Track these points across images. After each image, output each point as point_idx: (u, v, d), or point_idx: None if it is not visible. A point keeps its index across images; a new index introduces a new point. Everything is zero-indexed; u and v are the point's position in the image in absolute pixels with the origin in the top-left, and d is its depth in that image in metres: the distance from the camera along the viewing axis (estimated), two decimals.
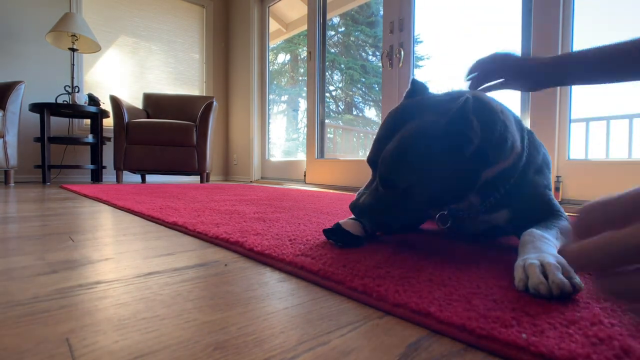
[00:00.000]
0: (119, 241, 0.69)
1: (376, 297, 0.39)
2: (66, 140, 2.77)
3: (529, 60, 0.73)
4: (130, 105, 3.00)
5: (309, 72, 2.99)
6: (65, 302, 0.38)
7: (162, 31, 3.68)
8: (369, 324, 0.34)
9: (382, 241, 0.67)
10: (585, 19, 1.58)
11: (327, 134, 3.01)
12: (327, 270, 0.47)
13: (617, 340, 0.28)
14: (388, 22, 2.32)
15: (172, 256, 0.58)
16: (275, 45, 4.65)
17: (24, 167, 2.92)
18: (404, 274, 0.46)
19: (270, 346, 0.29)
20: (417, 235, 0.74)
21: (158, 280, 0.45)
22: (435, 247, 0.63)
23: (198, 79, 3.96)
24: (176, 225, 0.83)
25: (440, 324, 0.33)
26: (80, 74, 3.16)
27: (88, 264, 0.52)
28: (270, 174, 3.58)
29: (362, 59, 5.42)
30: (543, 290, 0.38)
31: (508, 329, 0.30)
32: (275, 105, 4.44)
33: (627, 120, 2.52)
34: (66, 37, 2.82)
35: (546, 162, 0.66)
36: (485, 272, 0.47)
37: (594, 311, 0.34)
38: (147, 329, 0.32)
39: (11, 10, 2.86)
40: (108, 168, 3.26)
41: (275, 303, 0.38)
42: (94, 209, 1.17)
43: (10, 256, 0.56)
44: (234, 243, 0.64)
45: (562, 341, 0.28)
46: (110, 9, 3.37)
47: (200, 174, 3.00)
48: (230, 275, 0.48)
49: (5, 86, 2.45)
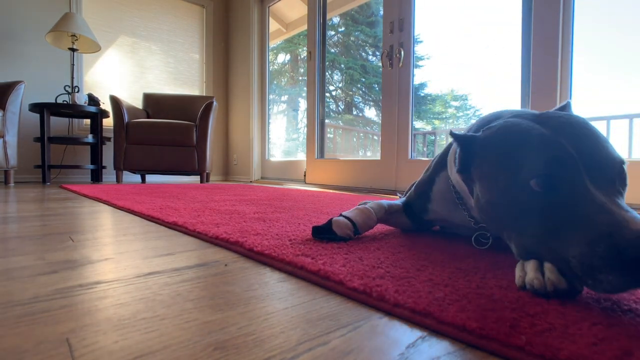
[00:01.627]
0: (118, 241, 0.69)
1: (376, 297, 0.39)
2: (66, 140, 2.77)
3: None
4: (130, 105, 3.00)
5: (309, 72, 2.99)
6: (65, 302, 0.38)
7: (162, 31, 3.68)
8: (369, 324, 0.34)
9: (382, 241, 0.67)
10: (585, 19, 1.58)
11: (327, 134, 3.01)
12: (327, 270, 0.47)
13: (617, 341, 0.28)
14: (388, 22, 2.32)
15: (172, 256, 0.58)
16: (275, 45, 4.64)
17: (23, 167, 2.92)
18: (404, 274, 0.46)
19: (270, 346, 0.29)
20: (417, 236, 0.74)
21: (158, 280, 0.45)
22: (435, 247, 0.63)
23: (198, 78, 3.96)
24: (176, 225, 0.83)
25: (440, 324, 0.33)
26: (80, 74, 3.16)
27: (88, 264, 0.52)
28: (270, 174, 3.58)
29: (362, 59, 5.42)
30: (537, 285, 0.38)
31: (508, 329, 0.30)
32: (275, 105, 4.44)
33: (627, 120, 2.52)
34: (66, 37, 2.82)
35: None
36: (486, 272, 0.47)
37: (594, 312, 0.34)
38: (147, 329, 0.32)
39: (11, 11, 2.86)
40: (108, 168, 3.26)
41: (275, 303, 0.38)
42: (94, 209, 1.17)
43: (10, 256, 0.56)
44: (234, 243, 0.64)
45: (562, 342, 0.28)
46: (110, 9, 3.36)
47: (200, 174, 3.00)
48: (230, 275, 0.48)
49: (5, 86, 2.45)
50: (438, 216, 0.73)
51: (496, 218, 0.47)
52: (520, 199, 0.42)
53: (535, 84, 1.64)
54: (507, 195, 0.44)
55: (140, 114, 3.09)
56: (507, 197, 0.43)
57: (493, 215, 0.47)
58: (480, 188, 0.49)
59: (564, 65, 1.57)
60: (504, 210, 0.44)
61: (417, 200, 0.75)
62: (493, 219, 0.48)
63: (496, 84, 3.16)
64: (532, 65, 1.65)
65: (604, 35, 1.90)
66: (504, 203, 0.44)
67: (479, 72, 3.25)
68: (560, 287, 0.37)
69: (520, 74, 1.73)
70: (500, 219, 0.46)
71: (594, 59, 1.91)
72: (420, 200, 0.74)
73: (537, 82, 1.63)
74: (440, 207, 0.70)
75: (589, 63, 1.78)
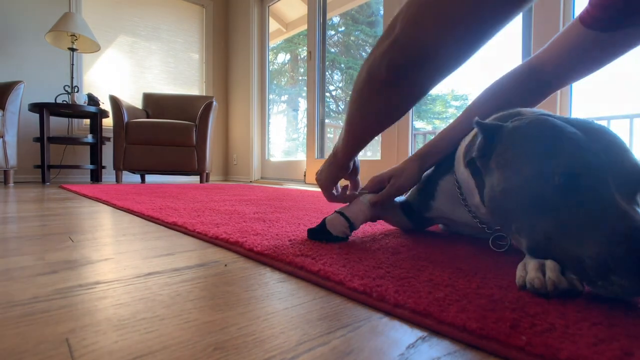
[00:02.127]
0: (118, 241, 0.69)
1: (376, 297, 0.39)
2: (65, 140, 2.77)
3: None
4: (129, 105, 3.00)
5: (309, 72, 2.99)
6: (65, 302, 0.38)
7: (162, 31, 3.68)
8: (369, 324, 0.34)
9: (383, 242, 0.67)
10: None
11: (327, 133, 3.01)
12: (327, 270, 0.47)
13: (618, 341, 0.28)
14: (388, 21, 2.32)
15: (171, 256, 0.58)
16: (275, 45, 4.64)
17: (23, 167, 2.92)
18: (404, 274, 0.46)
19: (270, 346, 0.29)
20: (417, 236, 0.74)
21: (158, 281, 0.45)
22: (435, 247, 0.63)
23: (198, 78, 3.96)
24: (176, 226, 0.83)
25: (440, 324, 0.33)
26: (79, 73, 3.15)
27: (88, 264, 0.52)
28: (270, 174, 3.58)
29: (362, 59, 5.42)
30: (537, 284, 0.38)
31: (508, 330, 0.30)
32: (275, 105, 4.43)
33: (627, 120, 2.52)
34: (66, 37, 2.82)
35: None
36: (486, 272, 0.47)
37: (595, 312, 0.34)
38: (147, 329, 0.31)
39: (11, 10, 2.86)
40: (108, 168, 3.26)
41: (275, 303, 0.38)
42: (94, 209, 1.17)
43: (10, 256, 0.56)
44: (234, 243, 0.64)
45: (562, 342, 0.28)
46: (110, 8, 3.36)
47: (200, 174, 3.00)
48: (230, 275, 0.48)
49: (4, 86, 2.45)
50: (440, 214, 0.72)
51: (508, 209, 0.47)
52: (544, 191, 0.42)
53: None
54: (529, 185, 0.43)
55: (140, 114, 3.09)
56: (530, 186, 0.43)
57: (506, 204, 0.47)
58: (499, 176, 0.49)
59: None
60: (521, 199, 0.44)
61: (418, 196, 0.75)
62: (504, 210, 0.48)
63: None
64: None
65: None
66: (524, 192, 0.44)
67: (479, 72, 3.25)
68: (561, 286, 0.37)
69: None
70: (512, 210, 0.46)
71: None
72: (422, 197, 0.74)
73: None
74: (443, 204, 0.70)
75: None
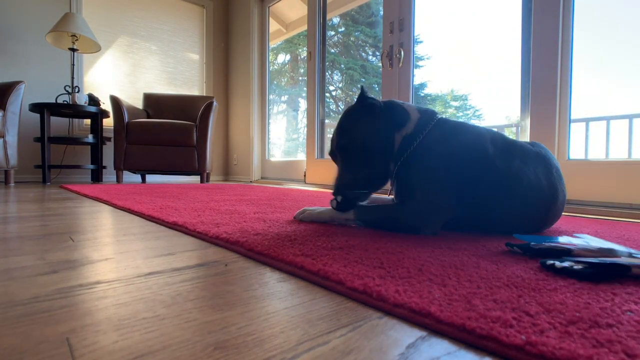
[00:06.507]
0: (119, 241, 0.69)
1: (376, 297, 0.39)
2: (66, 140, 2.77)
3: None
4: (130, 105, 3.00)
5: (309, 72, 2.99)
6: (65, 302, 0.38)
7: (162, 31, 3.68)
8: (369, 324, 0.34)
9: (383, 242, 0.67)
10: (585, 19, 1.58)
11: (327, 134, 3.00)
12: (327, 270, 0.47)
13: (618, 341, 0.28)
14: (388, 22, 2.32)
15: (172, 256, 0.58)
16: (275, 46, 4.64)
17: (24, 167, 2.92)
18: (404, 274, 0.46)
19: (270, 346, 0.29)
20: (417, 237, 0.75)
21: (158, 280, 0.45)
22: (435, 247, 0.63)
23: (198, 79, 3.96)
24: (176, 225, 0.83)
25: (440, 324, 0.33)
26: (80, 74, 3.16)
27: (88, 264, 0.52)
28: (270, 174, 3.58)
29: (362, 59, 5.42)
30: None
31: (508, 329, 0.30)
32: (275, 105, 4.44)
33: (627, 120, 2.52)
34: (66, 37, 2.82)
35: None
36: (486, 272, 0.48)
37: (594, 311, 0.34)
38: (147, 329, 0.32)
39: (11, 10, 2.86)
40: (108, 168, 3.26)
41: (275, 303, 0.38)
42: (94, 209, 1.17)
43: (10, 256, 0.56)
44: (234, 243, 0.64)
45: (562, 341, 0.28)
46: (110, 9, 3.37)
47: (200, 174, 3.00)
48: (230, 275, 0.48)
49: (5, 86, 2.45)
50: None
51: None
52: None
53: (535, 83, 1.64)
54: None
55: (140, 114, 3.09)
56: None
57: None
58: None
59: (563, 64, 1.58)
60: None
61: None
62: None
63: (496, 84, 3.16)
64: (532, 65, 1.65)
65: (604, 34, 1.90)
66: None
67: (479, 72, 3.25)
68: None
69: (520, 73, 1.73)
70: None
71: (593, 58, 1.91)
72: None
73: (537, 82, 1.63)
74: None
75: (588, 62, 1.78)
